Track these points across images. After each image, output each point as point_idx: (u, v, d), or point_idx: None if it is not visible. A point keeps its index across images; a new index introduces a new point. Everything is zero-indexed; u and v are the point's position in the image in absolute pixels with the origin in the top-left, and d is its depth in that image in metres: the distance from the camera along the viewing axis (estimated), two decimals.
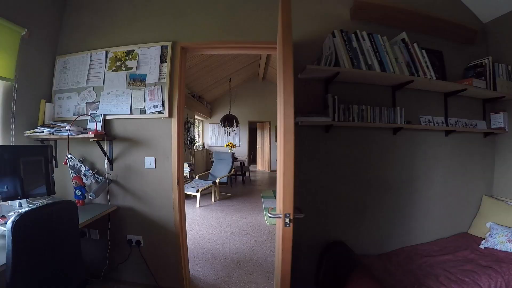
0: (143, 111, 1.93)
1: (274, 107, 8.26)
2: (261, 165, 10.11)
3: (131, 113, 1.94)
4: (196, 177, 5.51)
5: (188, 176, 5.64)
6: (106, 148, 1.96)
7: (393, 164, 1.99)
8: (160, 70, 1.91)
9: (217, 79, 7.50)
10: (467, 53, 2.17)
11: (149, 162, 1.97)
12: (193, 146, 7.51)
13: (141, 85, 1.94)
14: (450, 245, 1.94)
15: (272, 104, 9.35)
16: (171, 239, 1.97)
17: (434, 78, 1.89)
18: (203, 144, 9.70)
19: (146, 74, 1.93)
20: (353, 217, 1.95)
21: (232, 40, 1.94)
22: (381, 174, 1.97)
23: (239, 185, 6.80)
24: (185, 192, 3.19)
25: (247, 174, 7.47)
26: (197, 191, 4.48)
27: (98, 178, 1.98)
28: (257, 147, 10.32)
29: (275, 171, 8.61)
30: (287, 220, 1.04)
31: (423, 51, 1.88)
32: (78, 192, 1.90)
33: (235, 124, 7.68)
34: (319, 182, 1.90)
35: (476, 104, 2.19)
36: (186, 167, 5.51)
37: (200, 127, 9.66)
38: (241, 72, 8.04)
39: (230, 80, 8.03)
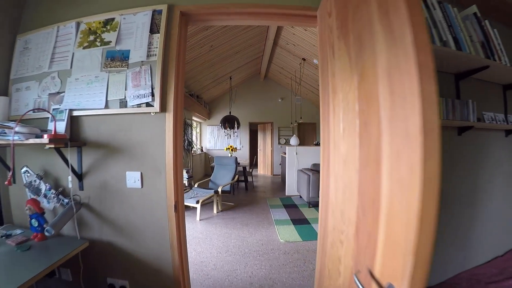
0: (123, 103, 1.34)
1: (277, 106, 7.71)
2: (263, 169, 9.55)
3: (107, 106, 1.36)
4: (196, 185, 4.92)
5: (187, 184, 5.03)
6: (72, 158, 1.38)
7: (456, 173, 1.59)
8: (150, 43, 1.33)
9: (216, 77, 6.96)
10: None
11: (132, 178, 1.37)
12: (191, 150, 6.90)
13: (122, 66, 1.35)
14: (508, 265, 1.67)
15: (274, 104, 8.94)
16: (168, 285, 1.39)
17: (509, 64, 1.55)
18: (201, 147, 9.11)
19: (129, 51, 1.35)
20: None
21: (251, 3, 1.38)
22: (443, 185, 1.48)
23: (242, 191, 6.22)
24: (184, 203, 2.61)
25: (249, 179, 6.89)
26: (197, 202, 3.90)
27: (63, 200, 1.40)
28: (258, 149, 9.76)
29: (278, 175, 8.26)
30: None
31: (495, 30, 1.53)
32: (35, 223, 1.32)
33: (236, 125, 7.09)
34: None
35: None
36: (184, 174, 4.91)
37: (198, 129, 9.07)
38: (242, 70, 7.54)
39: (231, 78, 7.48)
